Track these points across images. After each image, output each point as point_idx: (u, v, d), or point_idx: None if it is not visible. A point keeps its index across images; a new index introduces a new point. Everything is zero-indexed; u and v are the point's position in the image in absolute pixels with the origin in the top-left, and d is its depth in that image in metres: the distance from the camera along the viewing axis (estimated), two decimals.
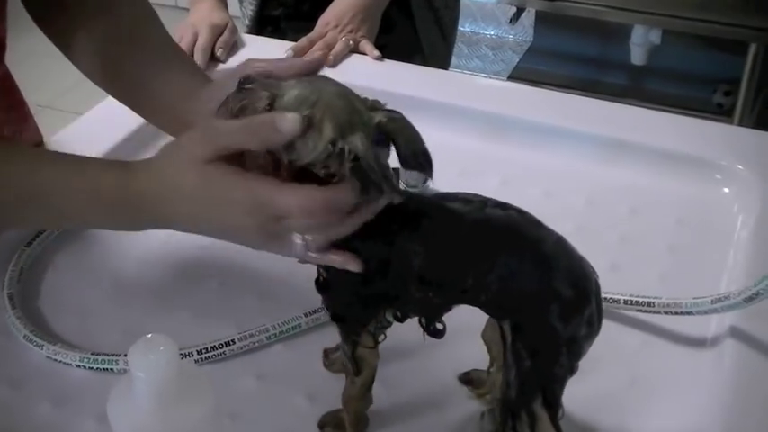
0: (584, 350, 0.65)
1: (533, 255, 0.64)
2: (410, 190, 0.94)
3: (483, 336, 0.73)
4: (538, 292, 0.63)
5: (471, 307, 0.67)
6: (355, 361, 0.69)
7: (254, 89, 0.64)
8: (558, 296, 0.62)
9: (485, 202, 0.65)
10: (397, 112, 0.63)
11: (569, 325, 0.63)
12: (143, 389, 0.57)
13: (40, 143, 1.09)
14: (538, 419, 0.65)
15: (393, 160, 0.63)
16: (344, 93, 0.63)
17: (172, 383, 0.57)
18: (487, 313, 0.67)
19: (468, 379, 0.78)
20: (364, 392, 0.72)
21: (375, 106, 0.64)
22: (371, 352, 0.69)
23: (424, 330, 0.68)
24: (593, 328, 0.64)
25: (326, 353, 0.80)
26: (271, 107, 0.63)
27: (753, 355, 0.80)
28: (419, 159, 0.62)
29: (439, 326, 0.68)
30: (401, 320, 0.69)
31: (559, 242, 0.65)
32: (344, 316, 0.68)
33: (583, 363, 0.65)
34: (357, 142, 0.60)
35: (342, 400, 0.73)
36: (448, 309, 0.68)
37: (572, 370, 0.65)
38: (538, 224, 0.65)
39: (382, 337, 0.69)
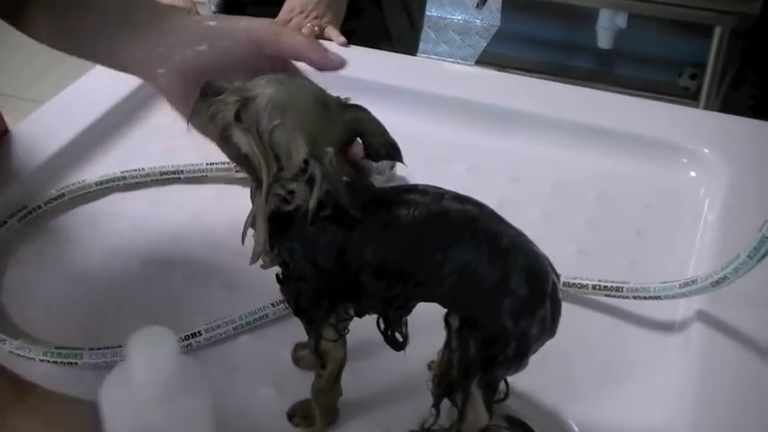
0: (534, 348, 0.65)
1: (489, 249, 0.63)
2: (378, 177, 0.94)
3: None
4: (491, 287, 0.62)
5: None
6: (319, 354, 0.69)
7: (222, 96, 0.63)
8: (511, 293, 0.62)
9: (442, 194, 0.65)
10: (362, 107, 0.64)
11: (521, 322, 0.62)
12: (143, 379, 0.56)
13: (4, 132, 1.07)
14: (471, 397, 0.65)
15: None
16: (317, 95, 0.63)
17: (173, 376, 0.56)
18: (443, 307, 0.67)
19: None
20: (332, 385, 0.71)
21: (343, 103, 0.64)
22: (336, 345, 0.68)
23: (384, 337, 0.68)
24: (545, 328, 0.64)
25: (296, 348, 0.79)
26: (240, 112, 0.62)
27: (720, 338, 0.80)
28: (388, 150, 0.64)
29: (399, 337, 0.67)
30: (359, 316, 0.68)
31: (519, 238, 0.64)
32: (305, 309, 0.67)
33: (551, 348, 0.65)
34: (327, 166, 0.60)
35: (311, 392, 0.72)
36: (407, 310, 0.67)
37: (519, 364, 0.65)
38: (498, 219, 0.64)
39: (346, 330, 0.68)
